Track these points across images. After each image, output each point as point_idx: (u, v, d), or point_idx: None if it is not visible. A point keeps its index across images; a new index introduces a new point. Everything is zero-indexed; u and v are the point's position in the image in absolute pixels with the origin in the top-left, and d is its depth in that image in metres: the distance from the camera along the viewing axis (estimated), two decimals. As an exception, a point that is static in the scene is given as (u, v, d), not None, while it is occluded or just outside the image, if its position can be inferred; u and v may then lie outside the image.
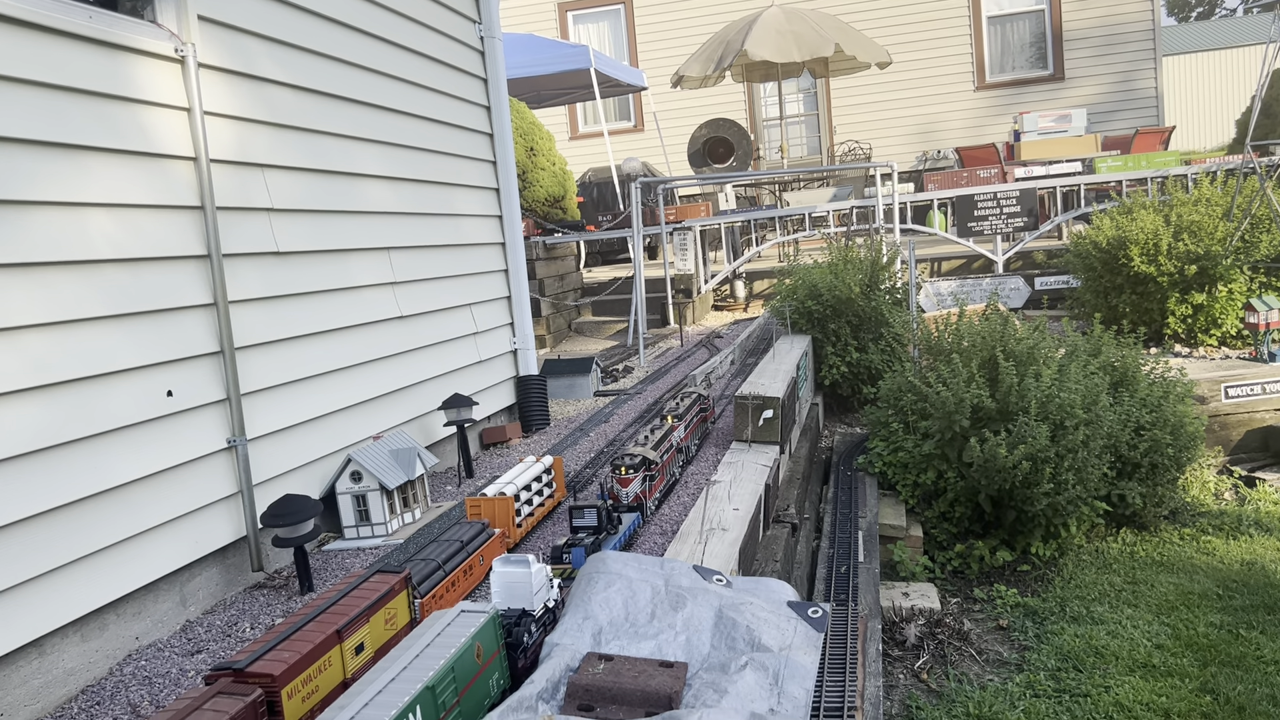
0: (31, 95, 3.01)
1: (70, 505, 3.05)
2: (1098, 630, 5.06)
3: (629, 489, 4.03)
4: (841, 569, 5.05)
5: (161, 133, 3.50)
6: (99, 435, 3.17)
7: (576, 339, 11.74)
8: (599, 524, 3.74)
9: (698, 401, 5.52)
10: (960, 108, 17.48)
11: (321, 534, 4.40)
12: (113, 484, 3.21)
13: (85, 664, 3.10)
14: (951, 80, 17.53)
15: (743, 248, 12.77)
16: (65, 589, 3.02)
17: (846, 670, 3.93)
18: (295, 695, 2.39)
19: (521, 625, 2.78)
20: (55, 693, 2.98)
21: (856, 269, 7.89)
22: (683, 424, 5.02)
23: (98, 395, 3.18)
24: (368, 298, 4.80)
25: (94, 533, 3.13)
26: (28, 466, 2.91)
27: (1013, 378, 5.72)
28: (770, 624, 2.72)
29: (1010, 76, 17.57)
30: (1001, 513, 5.87)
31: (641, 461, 4.12)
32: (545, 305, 11.39)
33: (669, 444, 4.63)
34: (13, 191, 2.93)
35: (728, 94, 18.03)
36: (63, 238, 3.09)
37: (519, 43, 13.90)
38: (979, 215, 11.05)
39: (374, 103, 4.97)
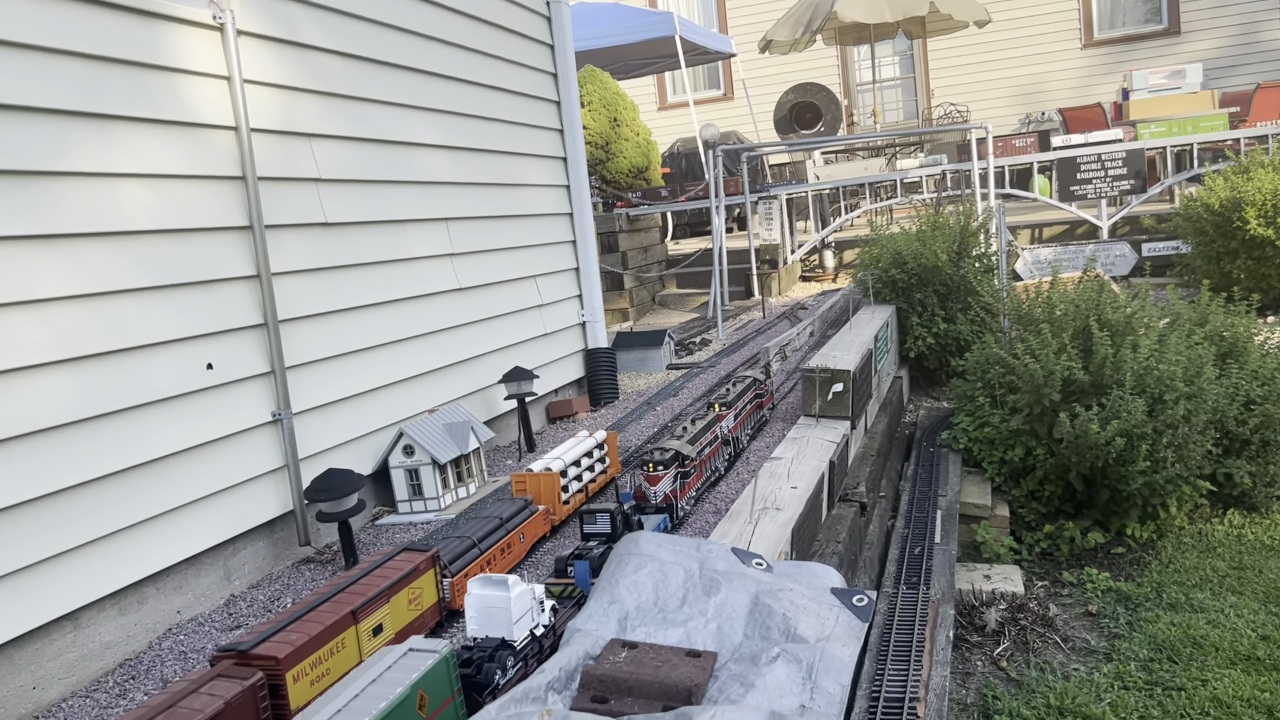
0: (61, 64, 2.97)
1: (105, 478, 3.03)
2: (1197, 619, 4.71)
3: (658, 488, 3.61)
4: (915, 550, 4.80)
5: (199, 102, 3.45)
6: (135, 408, 3.15)
7: (660, 312, 11.58)
8: (613, 531, 3.34)
9: (752, 387, 5.04)
10: (1065, 67, 16.66)
11: (375, 508, 4.36)
12: (151, 457, 3.18)
13: (123, 638, 3.09)
14: (1056, 38, 16.70)
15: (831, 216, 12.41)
16: (101, 562, 3.01)
17: (911, 659, 3.72)
18: (303, 679, 2.30)
19: (495, 661, 2.38)
20: (91, 666, 2.98)
21: (945, 236, 7.53)
22: (732, 412, 4.60)
23: (134, 367, 3.15)
24: (424, 269, 4.72)
25: (131, 505, 3.11)
26: (58, 439, 2.89)
27: (1107, 348, 5.35)
28: (810, 612, 2.53)
29: (1120, 32, 16.65)
30: (1094, 491, 5.52)
31: (673, 457, 3.70)
32: (628, 278, 11.25)
33: (712, 436, 4.20)
34: (42, 162, 2.89)
35: (820, 58, 17.54)
36: (94, 209, 3.05)
37: (603, 12, 13.73)
38: (1082, 178, 10.49)
39: (431, 70, 4.87)
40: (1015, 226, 11.86)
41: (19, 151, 2.83)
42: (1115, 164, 10.35)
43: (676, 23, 13.08)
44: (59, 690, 2.87)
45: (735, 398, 4.72)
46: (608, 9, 13.83)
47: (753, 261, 10.83)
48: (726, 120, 18.09)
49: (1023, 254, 10.35)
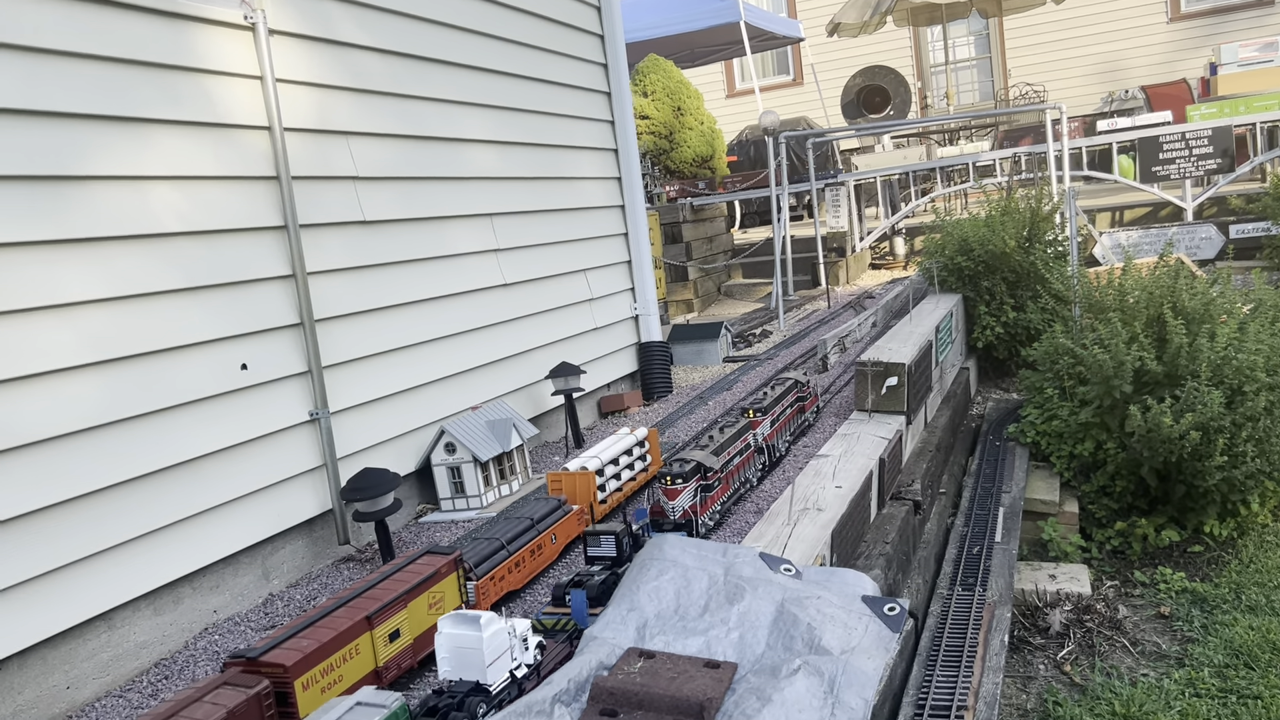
0: (89, 69, 2.98)
1: (138, 479, 3.05)
2: (1277, 623, 4.45)
3: (676, 502, 3.32)
4: (974, 550, 4.63)
5: (230, 103, 3.45)
6: (167, 410, 3.16)
7: (725, 302, 11.45)
8: (618, 555, 3.02)
9: (792, 390, 4.71)
10: (1150, 42, 16.01)
11: (419, 505, 4.35)
12: (184, 458, 3.19)
13: (158, 638, 3.12)
14: (1140, 12, 16.06)
15: (902, 202, 12.11)
16: (135, 563, 3.03)
17: (961, 665, 3.58)
18: (312, 686, 2.27)
19: (465, 709, 2.18)
20: (125, 666, 3.00)
21: (1015, 221, 7.26)
22: (768, 419, 4.26)
23: (165, 369, 3.16)
24: (467, 265, 4.68)
25: (165, 506, 3.13)
26: (89, 442, 2.91)
27: (1182, 337, 5.09)
28: (836, 621, 2.42)
29: (1209, 4, 15.94)
30: (1169, 487, 5.26)
31: (694, 469, 3.41)
32: (692, 269, 11.14)
33: (742, 445, 3.88)
34: (70, 167, 2.91)
35: (891, 40, 17.14)
36: (124, 212, 3.07)
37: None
38: (1165, 158, 10.04)
39: (475, 65, 4.83)
40: (1095, 209, 11.43)
41: (47, 156, 2.85)
42: (1200, 142, 9.89)
43: (741, 8, 12.89)
44: (93, 690, 2.90)
45: (772, 402, 4.42)
46: (671, -4, 13.69)
47: (819, 250, 10.61)
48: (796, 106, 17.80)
49: (1101, 238, 9.97)
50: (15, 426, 2.73)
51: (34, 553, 2.76)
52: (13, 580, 2.70)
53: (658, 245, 10.59)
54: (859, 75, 13.65)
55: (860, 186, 11.63)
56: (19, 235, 2.77)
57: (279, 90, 3.61)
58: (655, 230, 10.56)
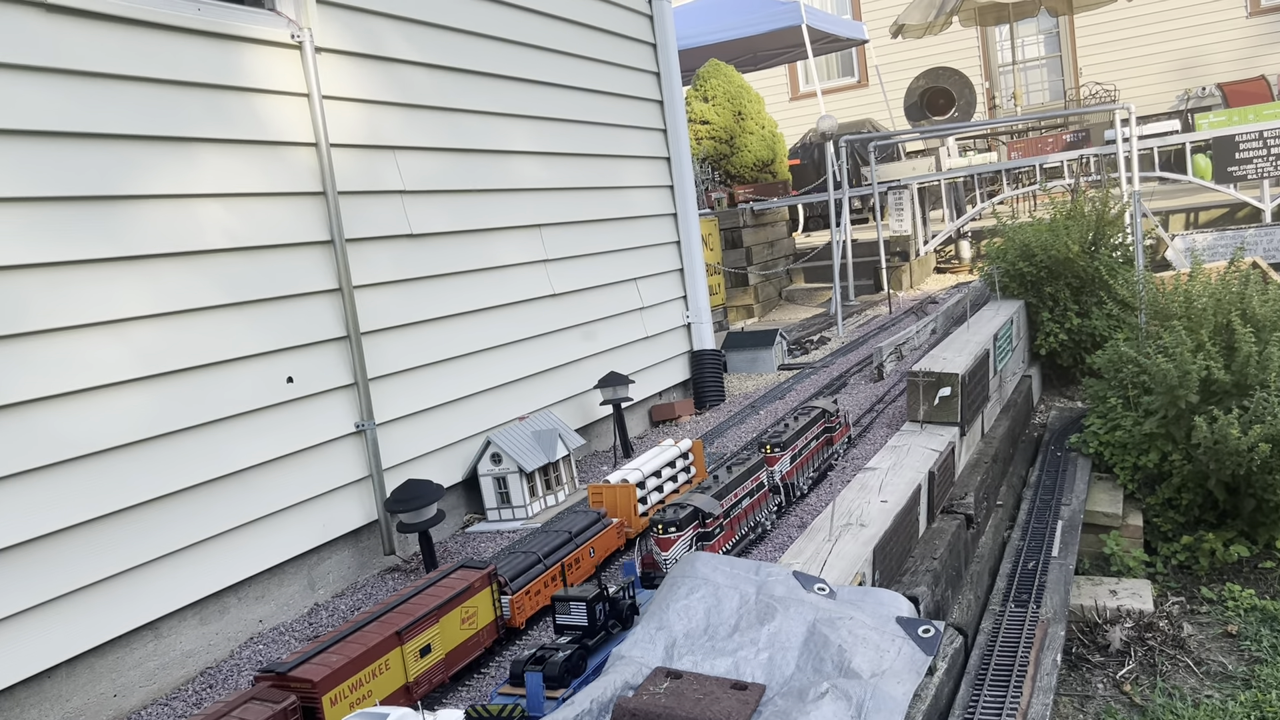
0: (138, 91, 3.06)
1: (185, 491, 3.12)
2: (1352, 645, 4.27)
3: (669, 554, 2.98)
4: (1030, 564, 4.52)
5: (277, 120, 3.52)
6: (215, 422, 3.23)
7: (786, 307, 11.36)
8: (590, 624, 2.64)
9: (820, 420, 4.29)
10: (1229, 37, 15.49)
11: (466, 515, 4.39)
12: (230, 469, 3.26)
13: (204, 646, 3.18)
14: (1218, 6, 15.55)
15: (966, 205, 11.90)
16: (181, 573, 3.10)
17: (1011, 685, 3.49)
18: (341, 701, 2.30)
19: None
20: (172, 674, 3.07)
21: (1079, 225, 7.07)
22: (787, 454, 3.86)
23: (212, 383, 3.23)
24: (515, 276, 4.71)
25: (211, 517, 3.19)
26: (138, 454, 2.99)
27: (1251, 346, 4.91)
28: (868, 644, 2.37)
29: (1293, -4, 15.39)
30: (1238, 501, 5.07)
31: (690, 515, 3.07)
32: (753, 274, 11.08)
33: (753, 485, 3.53)
34: (120, 187, 2.99)
35: (958, 40, 16.84)
36: (172, 229, 3.14)
37: (728, 4, 13.56)
38: (1241, 158, 9.72)
39: (525, 77, 4.86)
40: (1168, 211, 11.10)
41: (98, 177, 2.93)
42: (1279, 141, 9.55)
43: (803, 11, 12.79)
44: (139, 698, 2.97)
45: (794, 435, 3.98)
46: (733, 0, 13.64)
47: (881, 254, 10.48)
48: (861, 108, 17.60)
49: (1174, 241, 9.67)
50: (68, 438, 2.81)
51: (85, 563, 2.83)
52: (64, 589, 2.78)
53: (717, 251, 10.55)
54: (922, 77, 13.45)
55: (925, 189, 11.46)
56: (72, 254, 2.85)
57: (325, 107, 3.67)
58: (714, 236, 10.52)
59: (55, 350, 2.80)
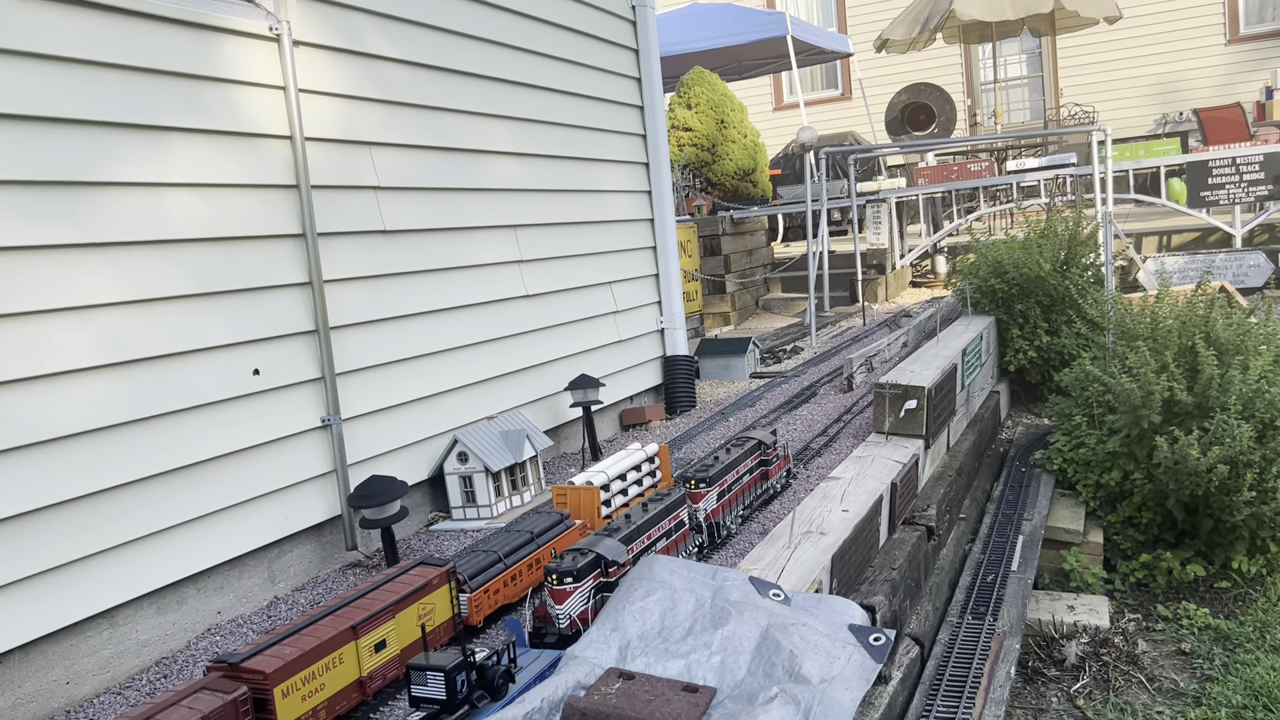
0: (111, 78, 3.06)
1: (146, 480, 3.11)
2: (1302, 666, 4.34)
3: (564, 607, 2.70)
4: (989, 577, 4.56)
5: (252, 112, 3.51)
6: (179, 411, 3.22)
7: (762, 316, 11.42)
8: (449, 698, 2.32)
9: (755, 452, 3.98)
10: (1206, 64, 15.70)
11: (431, 514, 4.39)
12: (194, 459, 3.25)
13: (160, 636, 3.17)
14: (1197, 33, 15.76)
15: (944, 220, 12.00)
16: (140, 561, 3.09)
17: (964, 695, 3.53)
18: (293, 694, 2.30)
19: None
20: (127, 663, 3.06)
21: (1052, 244, 7.16)
22: (714, 490, 3.54)
23: (179, 372, 3.22)
24: (489, 276, 4.72)
25: (172, 506, 3.18)
26: (100, 441, 2.98)
27: (1213, 368, 4.98)
28: (819, 650, 2.40)
29: (1270, 27, 15.59)
30: (1197, 521, 5.15)
31: (591, 563, 2.77)
32: (730, 282, 11.12)
33: (671, 524, 3.23)
34: (90, 173, 2.98)
35: (941, 57, 16.99)
36: (143, 217, 3.13)
37: (714, 12, 13.62)
38: (1214, 183, 9.85)
39: (505, 78, 4.87)
40: (1141, 233, 11.25)
41: (68, 162, 2.92)
42: (1252, 168, 9.69)
43: (788, 23, 12.86)
44: (92, 686, 2.96)
45: (723, 469, 3.65)
46: (719, 9, 13.71)
47: (858, 266, 10.55)
48: (844, 120, 17.72)
49: (1145, 263, 9.79)
50: (30, 423, 2.80)
51: (43, 549, 2.82)
52: (21, 574, 2.77)
53: (695, 258, 10.59)
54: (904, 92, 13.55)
55: (903, 203, 11.55)
56: (39, 239, 2.84)
57: (302, 100, 3.67)
58: (693, 242, 10.56)
59: (18, 334, 2.79)
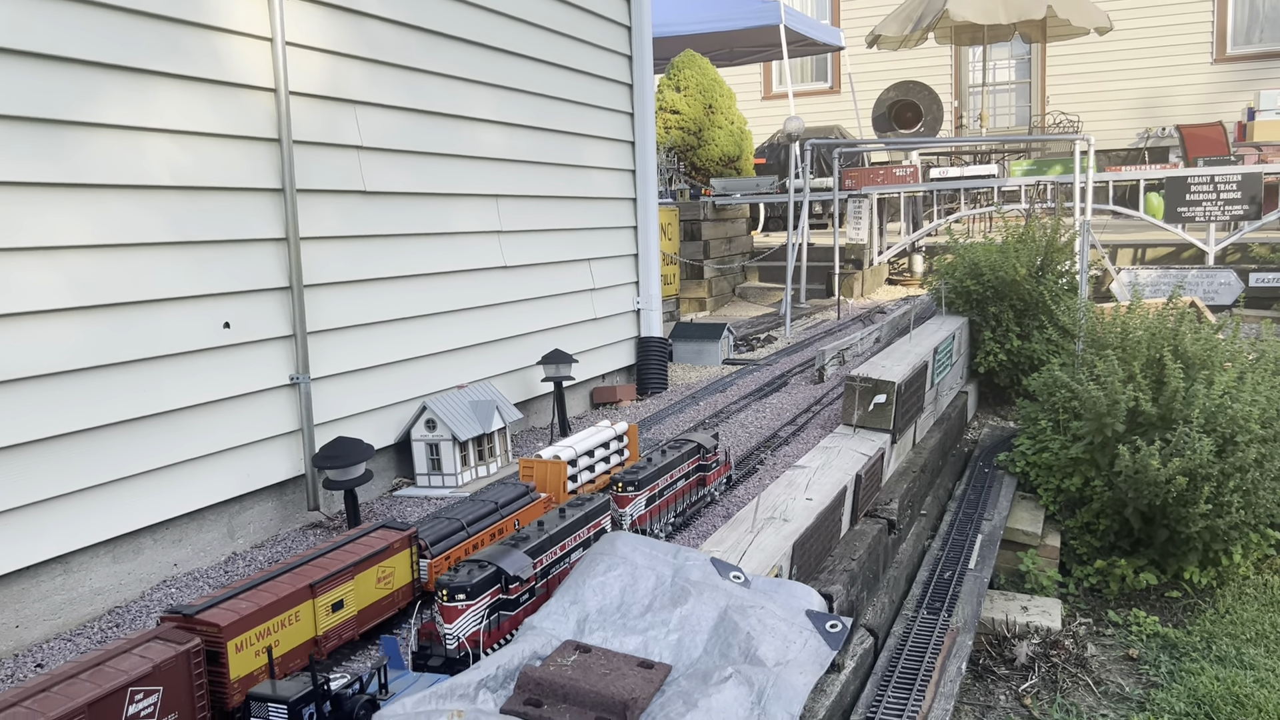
0: (94, 16, 3.00)
1: (108, 426, 3.07)
2: (1244, 675, 4.42)
3: (454, 626, 2.41)
4: (946, 574, 4.61)
5: (238, 62, 3.46)
6: (147, 360, 3.18)
7: (739, 303, 11.44)
8: None
9: (693, 455, 3.73)
10: (1192, 81, 15.84)
11: (396, 479, 4.37)
12: (157, 409, 3.22)
13: (115, 585, 3.14)
14: (1185, 50, 15.89)
15: (924, 219, 12.06)
16: (98, 508, 3.05)
17: (915, 688, 3.57)
18: (246, 649, 2.29)
19: None
20: (79, 610, 3.03)
21: (1029, 249, 7.21)
22: (643, 494, 3.30)
23: (148, 320, 3.18)
24: (468, 244, 4.69)
25: (133, 455, 3.15)
26: (63, 384, 2.94)
27: (1179, 381, 5.04)
28: (776, 633, 2.42)
29: (1256, 49, 15.75)
30: (1153, 530, 5.22)
31: (490, 578, 2.49)
32: (709, 268, 11.13)
33: (590, 532, 2.97)
34: (68, 112, 2.93)
35: (932, 57, 17.03)
36: (120, 161, 3.09)
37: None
38: (1191, 199, 9.96)
39: (494, 45, 4.83)
40: (1118, 245, 11.35)
41: (45, 99, 2.87)
42: (1229, 187, 9.80)
43: (782, 11, 12.85)
44: (42, 631, 2.93)
45: (656, 472, 3.41)
46: (714, -6, 13.66)
47: (836, 260, 10.58)
48: (832, 114, 17.73)
49: (1120, 275, 9.89)
50: (-10, 363, 2.76)
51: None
52: (-27, 515, 2.74)
53: (675, 241, 10.59)
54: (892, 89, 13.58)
55: (884, 200, 11.59)
56: (12, 175, 2.79)
57: (288, 54, 3.62)
58: (674, 226, 10.55)
59: (-15, 271, 2.75)
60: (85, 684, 1.98)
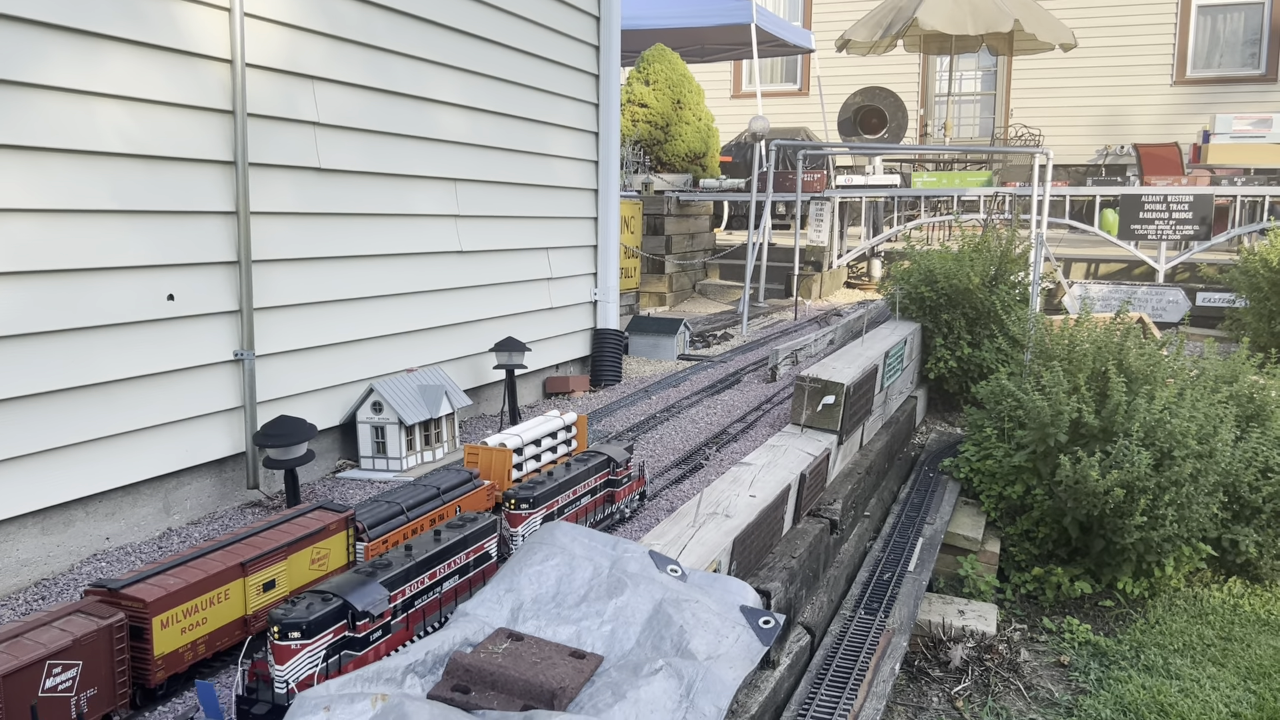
0: (45, -25, 2.93)
1: (41, 395, 3.01)
2: (1170, 685, 4.51)
3: (286, 669, 2.10)
4: (885, 576, 4.66)
5: (194, 30, 3.40)
6: (86, 329, 3.13)
7: (698, 300, 11.45)
8: None
9: (600, 470, 3.49)
10: (1151, 102, 16.10)
11: (339, 460, 4.33)
12: (95, 380, 3.16)
13: (43, 556, 3.08)
14: (1145, 71, 16.15)
15: (884, 225, 12.15)
16: (27, 478, 2.99)
17: (848, 687, 3.60)
18: (172, 625, 2.26)
19: None
20: (3, 581, 2.97)
21: (984, 259, 7.30)
22: (538, 513, 3.05)
23: (88, 288, 3.12)
24: (423, 227, 4.65)
25: (67, 426, 3.09)
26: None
27: (1122, 395, 5.13)
28: (709, 627, 2.43)
29: (1214, 73, 16.05)
30: (1089, 540, 5.31)
31: (334, 613, 2.18)
32: (670, 263, 11.13)
33: (470, 557, 2.70)
34: (9, 72, 2.86)
35: (900, 64, 17.14)
36: (66, 125, 3.02)
37: (681, -9, 13.56)
38: (1145, 218, 10.13)
39: (458, 28, 4.79)
40: (1071, 259, 11.52)
41: (-11, 58, 2.81)
42: (1181, 207, 9.98)
43: (754, 10, 12.86)
44: (-35, 600, 2.87)
45: (556, 488, 3.15)
46: (687, -11, 13.65)
47: (795, 261, 10.63)
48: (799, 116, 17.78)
49: (1072, 288, 10.04)
50: (-80, 325, 2.69)
51: (-78, 455, 2.72)
52: (-103, 479, 2.67)
53: (638, 235, 10.58)
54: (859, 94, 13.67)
55: (846, 204, 11.66)
56: (-51, 133, 2.73)
57: (246, 25, 3.56)
58: (637, 219, 10.54)
59: (-81, 231, 2.68)
60: (1, 655, 1.94)
